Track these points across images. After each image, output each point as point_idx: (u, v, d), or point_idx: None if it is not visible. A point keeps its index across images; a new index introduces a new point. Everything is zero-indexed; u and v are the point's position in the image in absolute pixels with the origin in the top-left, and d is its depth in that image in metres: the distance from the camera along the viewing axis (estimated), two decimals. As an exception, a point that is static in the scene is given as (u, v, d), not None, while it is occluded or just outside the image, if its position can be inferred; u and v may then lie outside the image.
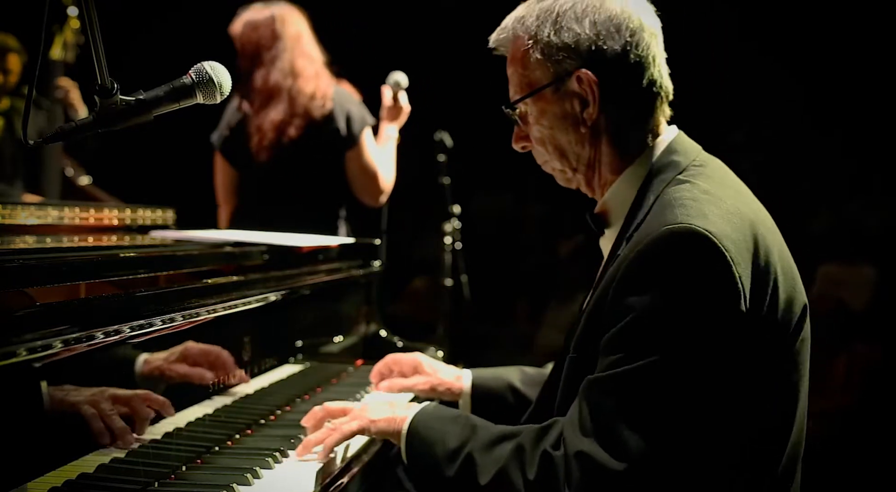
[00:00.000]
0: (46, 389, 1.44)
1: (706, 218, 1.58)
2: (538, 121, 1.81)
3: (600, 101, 1.75)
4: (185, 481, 1.64)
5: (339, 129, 3.59)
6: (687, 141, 1.82)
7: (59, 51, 4.59)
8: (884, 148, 5.72)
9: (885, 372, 4.88)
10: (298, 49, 3.64)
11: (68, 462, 1.50)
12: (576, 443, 1.57)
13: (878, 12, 5.56)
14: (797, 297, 1.69)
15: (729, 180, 1.79)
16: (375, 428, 1.81)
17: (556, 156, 1.83)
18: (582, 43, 1.74)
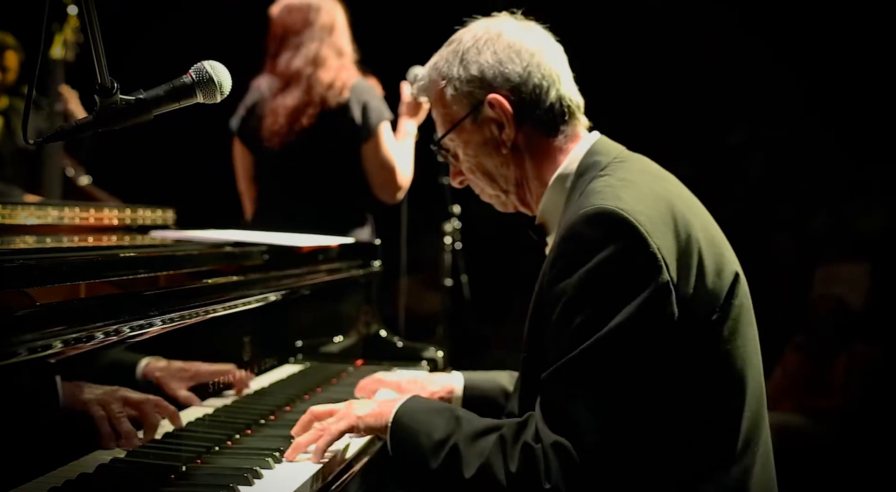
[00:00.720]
0: (46, 389, 1.44)
1: (619, 199, 1.68)
2: (465, 152, 1.96)
3: (515, 121, 1.90)
4: (185, 481, 1.64)
5: (354, 119, 3.54)
6: (608, 142, 1.93)
7: (59, 50, 4.59)
8: (884, 148, 5.72)
9: (885, 372, 4.88)
10: (327, 40, 3.62)
11: (68, 462, 1.50)
12: (548, 435, 1.64)
13: (877, 12, 5.56)
14: (726, 265, 1.76)
15: (649, 168, 1.90)
16: (363, 424, 1.82)
17: (487, 181, 1.97)
18: (486, 71, 1.89)
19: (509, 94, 1.89)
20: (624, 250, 1.63)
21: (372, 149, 3.57)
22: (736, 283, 1.76)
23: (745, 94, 5.93)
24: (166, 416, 1.73)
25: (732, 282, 1.75)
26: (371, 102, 3.57)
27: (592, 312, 1.62)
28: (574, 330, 1.64)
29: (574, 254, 1.66)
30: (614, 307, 1.61)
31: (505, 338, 6.34)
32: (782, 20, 5.67)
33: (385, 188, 3.66)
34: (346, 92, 3.55)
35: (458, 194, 4.15)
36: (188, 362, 1.88)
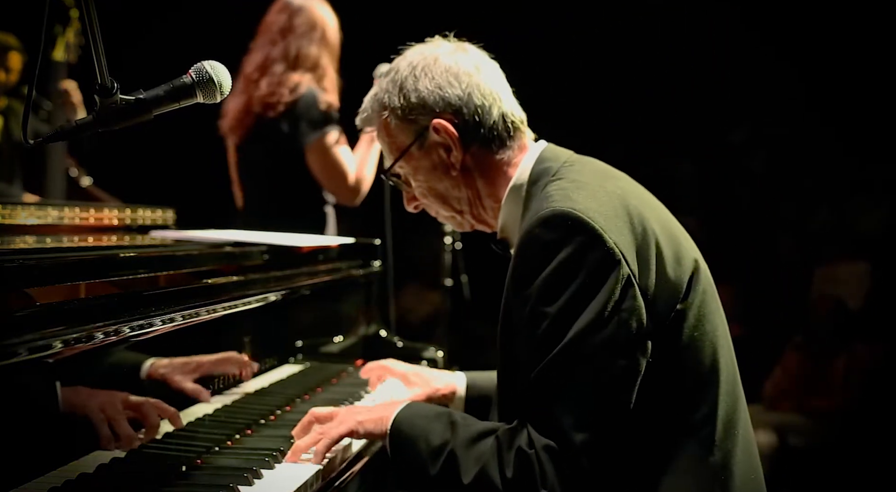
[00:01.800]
0: (46, 389, 1.44)
1: (572, 200, 1.71)
2: (415, 178, 1.98)
3: (461, 143, 1.91)
4: (185, 481, 1.64)
5: (284, 132, 3.55)
6: (556, 149, 1.96)
7: (61, 52, 4.59)
8: (885, 146, 5.72)
9: (885, 372, 4.88)
10: (282, 43, 3.61)
11: (68, 462, 1.50)
12: (539, 439, 1.66)
13: (878, 11, 5.56)
14: (685, 253, 1.79)
15: (599, 168, 1.93)
16: (363, 430, 1.83)
17: (440, 204, 2.00)
18: (427, 97, 1.91)
19: (452, 118, 1.91)
20: (582, 248, 1.66)
21: (312, 160, 3.56)
22: (697, 270, 1.78)
23: (747, 92, 5.94)
24: (166, 417, 1.73)
25: (693, 269, 1.78)
26: (305, 116, 3.53)
27: (559, 314, 1.65)
28: (544, 334, 1.66)
29: (533, 258, 1.69)
30: (579, 305, 1.64)
31: (505, 338, 6.34)
32: (783, 19, 5.68)
33: (337, 194, 3.66)
34: (280, 106, 3.53)
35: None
36: (188, 360, 1.88)
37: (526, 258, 1.71)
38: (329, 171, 3.57)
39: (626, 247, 1.68)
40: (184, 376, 1.82)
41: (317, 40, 3.63)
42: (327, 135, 3.54)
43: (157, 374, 1.74)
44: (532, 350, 1.69)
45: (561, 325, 1.65)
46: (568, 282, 1.65)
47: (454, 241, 4.12)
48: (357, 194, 3.65)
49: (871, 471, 4.54)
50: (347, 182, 3.59)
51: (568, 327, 1.64)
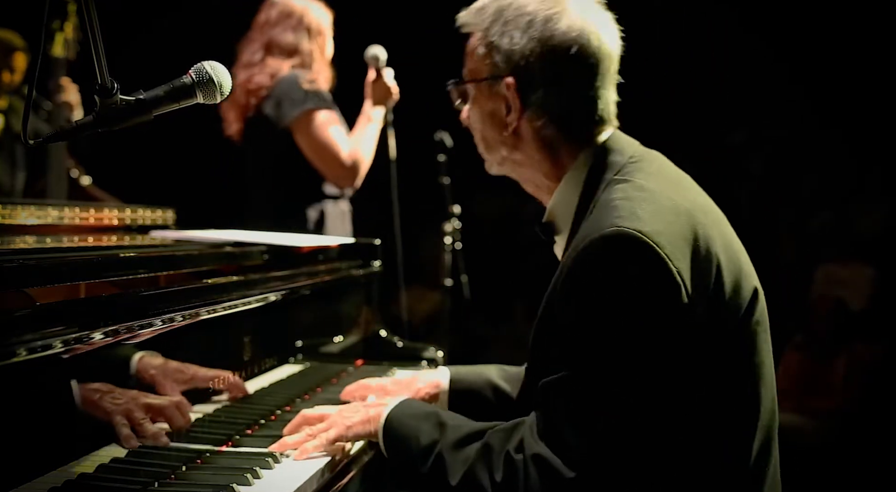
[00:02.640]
0: (46, 389, 1.44)
1: (638, 218, 1.61)
2: (472, 108, 1.90)
3: (523, 112, 1.82)
4: (185, 481, 1.64)
5: (268, 115, 3.53)
6: (623, 138, 1.85)
7: (60, 48, 4.59)
8: (884, 148, 5.72)
9: (885, 372, 4.88)
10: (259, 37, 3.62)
11: (68, 462, 1.50)
12: (532, 446, 1.62)
13: (878, 12, 5.56)
14: (745, 281, 1.70)
15: (666, 172, 1.82)
16: (352, 433, 1.83)
17: (483, 146, 1.92)
18: (515, 54, 1.80)
19: (528, 87, 1.80)
20: (644, 277, 1.57)
21: (300, 139, 3.52)
22: (755, 300, 1.71)
23: (746, 94, 5.93)
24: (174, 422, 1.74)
25: (751, 299, 1.70)
26: (285, 97, 3.49)
27: (604, 333, 1.58)
28: (583, 349, 1.60)
29: (591, 276, 1.60)
30: (628, 334, 1.57)
31: (505, 338, 6.34)
32: (782, 20, 5.68)
33: (329, 175, 3.57)
34: (262, 91, 3.52)
35: (458, 194, 4.15)
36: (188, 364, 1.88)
37: (582, 275, 1.61)
38: (318, 149, 3.50)
39: (687, 274, 1.59)
40: (173, 385, 1.82)
41: (292, 27, 3.62)
42: (312, 111, 3.49)
43: (146, 373, 1.73)
44: (565, 360, 1.62)
45: (602, 343, 1.58)
46: (622, 309, 1.57)
47: (454, 241, 4.12)
48: (354, 175, 3.57)
49: (872, 471, 4.54)
50: (340, 160, 3.51)
51: (609, 347, 1.57)
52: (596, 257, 1.60)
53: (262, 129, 3.58)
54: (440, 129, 4.18)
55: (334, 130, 3.53)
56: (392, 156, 3.77)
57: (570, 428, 1.58)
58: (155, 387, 1.76)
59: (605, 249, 1.59)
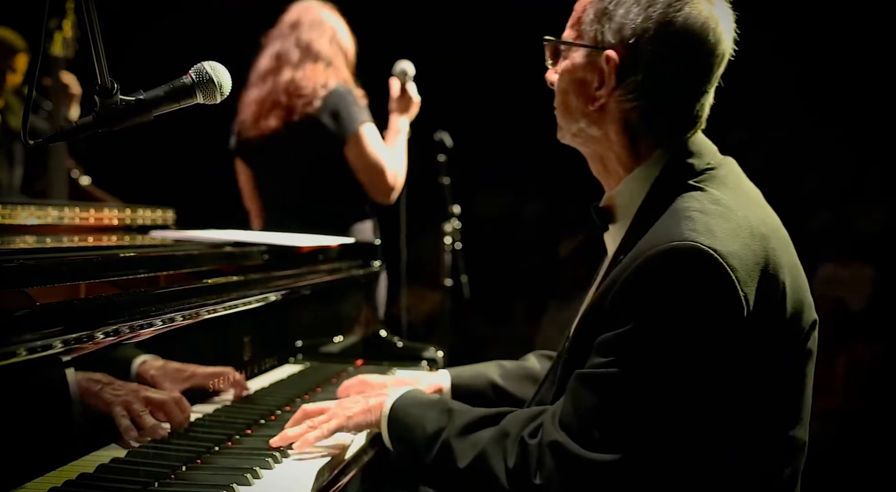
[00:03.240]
0: (46, 389, 1.44)
1: (713, 235, 1.55)
2: (563, 71, 1.77)
3: (615, 91, 1.70)
4: (185, 481, 1.64)
5: (326, 126, 3.52)
6: (704, 142, 1.76)
7: (59, 47, 4.59)
8: (884, 148, 5.72)
9: (885, 372, 4.88)
10: (292, 36, 3.61)
11: (68, 462, 1.50)
12: (551, 433, 1.59)
13: (877, 11, 5.56)
14: (805, 312, 1.65)
15: (743, 187, 1.74)
16: (353, 423, 1.83)
17: (562, 111, 1.80)
18: (626, 28, 1.68)
19: (629, 66, 1.68)
20: (711, 298, 1.52)
21: (353, 153, 3.54)
22: (811, 331, 1.67)
23: (745, 93, 5.93)
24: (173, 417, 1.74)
25: (807, 331, 1.66)
26: (343, 109, 3.52)
27: (659, 345, 1.53)
28: (633, 353, 1.54)
29: (655, 285, 1.54)
30: (682, 349, 1.52)
31: (505, 338, 6.34)
32: (781, 19, 5.67)
33: (375, 189, 3.61)
34: (316, 101, 3.51)
35: (457, 194, 4.16)
36: (187, 364, 1.88)
37: (647, 282, 1.55)
38: (370, 164, 3.53)
39: (752, 298, 1.54)
40: (172, 385, 1.82)
41: (328, 38, 3.64)
42: (367, 125, 3.53)
43: (146, 375, 1.73)
44: (607, 355, 1.56)
45: (655, 353, 1.53)
46: (682, 324, 1.52)
47: (454, 241, 4.12)
48: (393, 190, 3.62)
49: (872, 471, 4.54)
50: (386, 177, 3.56)
51: (661, 358, 1.52)
52: (665, 269, 1.54)
53: (313, 138, 3.55)
54: (440, 129, 4.18)
55: (383, 147, 3.58)
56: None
57: (599, 423, 1.54)
58: (155, 387, 1.76)
59: (676, 261, 1.53)
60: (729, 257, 1.53)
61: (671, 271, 1.53)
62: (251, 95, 3.62)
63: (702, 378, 1.53)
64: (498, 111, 6.06)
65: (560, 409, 1.62)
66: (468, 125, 4.96)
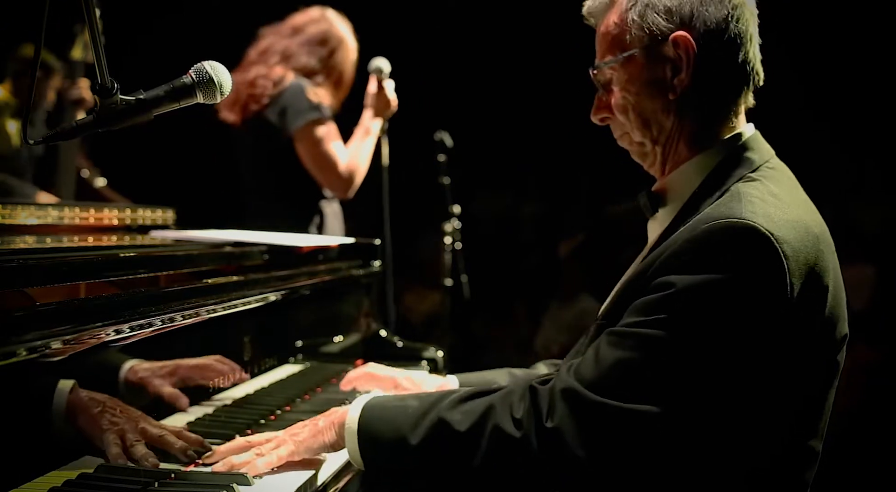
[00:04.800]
0: (46, 389, 1.44)
1: (770, 219, 1.55)
2: (625, 87, 1.75)
3: (693, 70, 1.70)
4: (185, 481, 1.64)
5: (271, 122, 3.56)
6: (763, 141, 1.78)
7: (79, 51, 4.61)
8: (884, 147, 5.72)
9: (885, 372, 4.88)
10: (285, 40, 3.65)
11: (68, 462, 1.50)
12: (565, 380, 1.56)
13: (877, 10, 5.56)
14: (840, 323, 1.65)
15: (797, 191, 1.75)
16: (304, 447, 1.71)
17: (639, 125, 1.77)
18: (684, 5, 1.70)
19: (698, 39, 1.69)
20: (759, 276, 1.51)
21: (301, 149, 3.57)
22: (842, 344, 1.67)
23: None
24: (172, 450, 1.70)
25: (839, 341, 1.66)
26: (290, 107, 3.54)
27: (700, 314, 1.51)
28: (668, 317, 1.52)
29: (704, 256, 1.53)
30: (722, 323, 1.51)
31: (505, 338, 6.34)
32: (781, 18, 5.68)
33: (328, 185, 3.64)
34: (264, 99, 3.55)
35: (457, 194, 4.16)
36: (187, 362, 1.88)
37: (697, 253, 1.54)
38: (318, 160, 3.57)
39: (798, 291, 1.54)
40: (162, 381, 1.81)
41: (319, 55, 3.66)
42: (314, 122, 3.54)
43: (135, 378, 1.73)
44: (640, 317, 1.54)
45: (694, 321, 1.51)
46: (725, 298, 1.50)
47: (454, 241, 4.12)
48: (349, 186, 3.63)
49: (872, 471, 4.54)
50: (338, 171, 3.57)
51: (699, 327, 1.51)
52: (719, 242, 1.53)
53: (263, 132, 3.60)
54: (440, 129, 4.19)
55: (333, 143, 3.59)
56: (384, 163, 3.78)
57: (622, 376, 1.52)
58: (148, 388, 1.76)
59: (731, 237, 1.53)
60: (784, 244, 1.53)
61: (724, 245, 1.53)
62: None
63: (732, 353, 1.52)
64: (498, 111, 6.06)
65: (581, 360, 1.59)
66: (468, 125, 4.96)
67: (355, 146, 3.65)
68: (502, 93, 6.30)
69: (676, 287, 1.53)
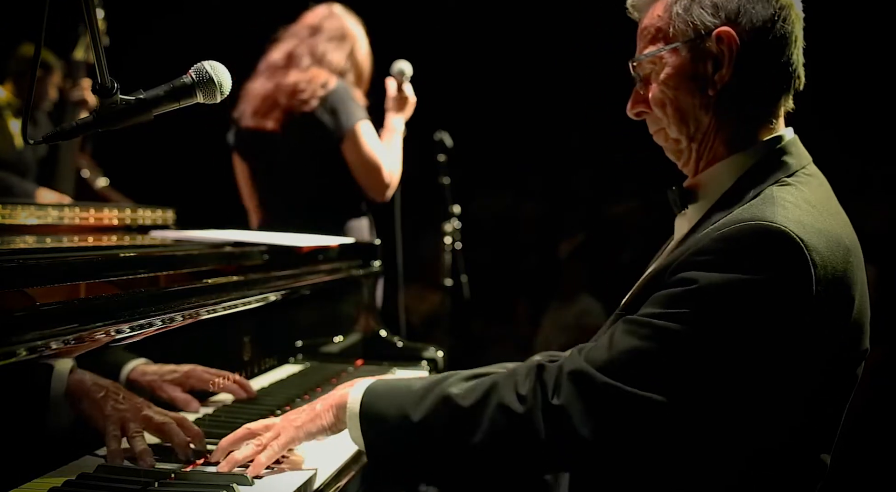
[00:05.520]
0: (46, 389, 1.44)
1: (802, 226, 1.54)
2: (665, 80, 1.73)
3: (734, 66, 1.68)
4: (185, 481, 1.64)
5: (325, 124, 3.55)
6: (801, 147, 1.76)
7: (81, 52, 4.61)
8: (884, 148, 5.72)
9: (885, 372, 4.88)
10: (309, 41, 3.64)
11: (68, 462, 1.50)
12: (575, 361, 1.56)
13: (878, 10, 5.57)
14: (863, 337, 1.65)
15: (832, 201, 1.74)
16: (303, 432, 1.70)
17: (676, 120, 1.75)
18: (730, 1, 1.68)
19: (743, 35, 1.67)
20: (786, 282, 1.51)
21: (350, 151, 3.56)
22: (861, 358, 1.67)
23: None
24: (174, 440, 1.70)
25: (859, 355, 1.66)
26: (340, 107, 3.54)
27: (718, 311, 1.50)
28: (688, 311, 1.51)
29: (732, 256, 1.52)
30: (741, 322, 1.50)
31: (505, 338, 6.34)
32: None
33: (371, 187, 3.63)
34: (314, 100, 3.54)
35: (457, 194, 4.16)
36: (187, 364, 1.88)
37: (724, 251, 1.52)
38: (366, 161, 3.56)
39: (824, 301, 1.53)
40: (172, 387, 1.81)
41: (346, 51, 3.67)
42: (364, 122, 3.55)
43: (142, 380, 1.72)
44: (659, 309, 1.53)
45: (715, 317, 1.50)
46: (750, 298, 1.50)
47: (454, 241, 4.12)
48: (389, 187, 3.64)
49: (872, 471, 4.54)
50: (382, 174, 3.58)
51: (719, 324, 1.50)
52: (748, 242, 1.52)
53: (311, 135, 3.57)
54: (440, 129, 4.18)
55: (379, 145, 3.61)
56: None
57: (634, 362, 1.51)
58: (153, 390, 1.76)
59: (761, 238, 1.52)
60: (813, 252, 1.52)
61: (753, 247, 1.51)
62: (255, 87, 3.64)
63: (749, 353, 1.51)
64: (498, 111, 6.06)
65: (592, 344, 1.58)
66: (468, 125, 4.96)
67: (390, 148, 3.66)
68: (502, 93, 6.30)
69: (699, 283, 1.52)
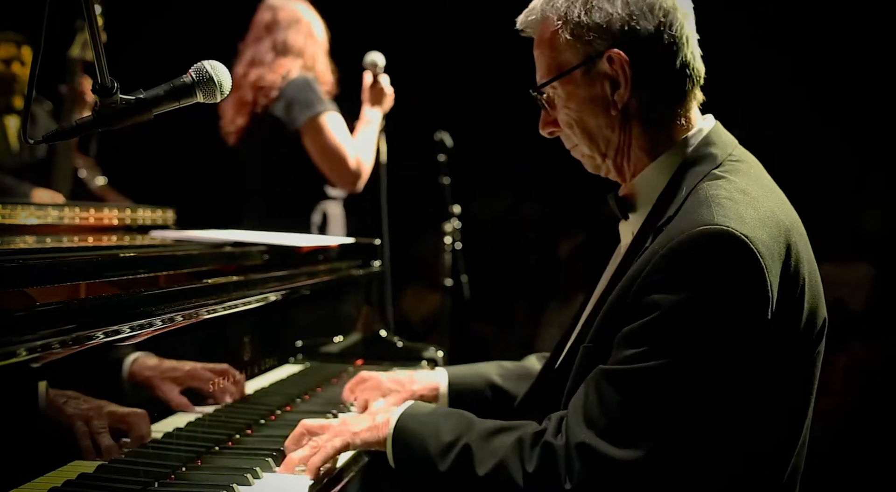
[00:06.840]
0: (46, 389, 1.43)
1: (742, 221, 1.55)
2: (566, 105, 1.76)
3: (632, 83, 1.70)
4: (185, 481, 1.64)
5: (278, 117, 3.56)
6: (724, 133, 1.78)
7: (78, 49, 4.60)
8: (884, 148, 5.72)
9: (885, 372, 4.88)
10: (268, 37, 3.66)
11: (68, 462, 1.50)
12: (578, 433, 1.55)
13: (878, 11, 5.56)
14: (819, 310, 1.67)
15: (765, 180, 1.75)
16: (360, 440, 1.75)
17: (585, 141, 1.78)
18: (614, 23, 1.69)
19: (633, 53, 1.69)
20: (739, 283, 1.52)
21: (309, 141, 3.57)
22: (822, 331, 1.69)
23: (745, 93, 5.93)
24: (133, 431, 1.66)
25: (820, 329, 1.68)
26: (298, 98, 3.54)
27: (686, 334, 1.51)
28: (659, 343, 1.52)
29: (684, 270, 1.53)
30: (710, 336, 1.51)
31: (505, 338, 6.34)
32: (781, 18, 5.67)
33: (336, 177, 3.63)
34: (273, 92, 3.56)
35: (457, 194, 4.16)
36: (189, 363, 1.88)
37: (676, 267, 1.53)
38: (327, 153, 3.56)
39: (776, 289, 1.54)
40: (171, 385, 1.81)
41: (304, 33, 3.69)
42: (322, 114, 3.54)
43: (141, 376, 1.72)
44: (630, 350, 1.54)
45: (684, 341, 1.51)
46: (710, 311, 1.51)
47: (454, 241, 4.12)
48: (358, 178, 3.63)
49: (872, 471, 4.54)
50: (347, 164, 3.57)
51: (689, 347, 1.50)
52: (696, 252, 1.53)
53: (269, 129, 3.60)
54: (440, 129, 4.19)
55: (343, 135, 3.59)
56: (382, 160, 3.78)
57: (635, 420, 1.51)
58: (152, 389, 1.76)
59: (707, 245, 1.52)
60: (758, 244, 1.53)
61: (702, 255, 1.52)
62: (227, 103, 3.66)
63: (732, 368, 1.52)
64: (498, 111, 6.05)
65: (583, 406, 1.59)
66: (468, 125, 4.96)
67: (360, 139, 3.65)
68: (502, 93, 6.29)
69: (662, 309, 1.52)
